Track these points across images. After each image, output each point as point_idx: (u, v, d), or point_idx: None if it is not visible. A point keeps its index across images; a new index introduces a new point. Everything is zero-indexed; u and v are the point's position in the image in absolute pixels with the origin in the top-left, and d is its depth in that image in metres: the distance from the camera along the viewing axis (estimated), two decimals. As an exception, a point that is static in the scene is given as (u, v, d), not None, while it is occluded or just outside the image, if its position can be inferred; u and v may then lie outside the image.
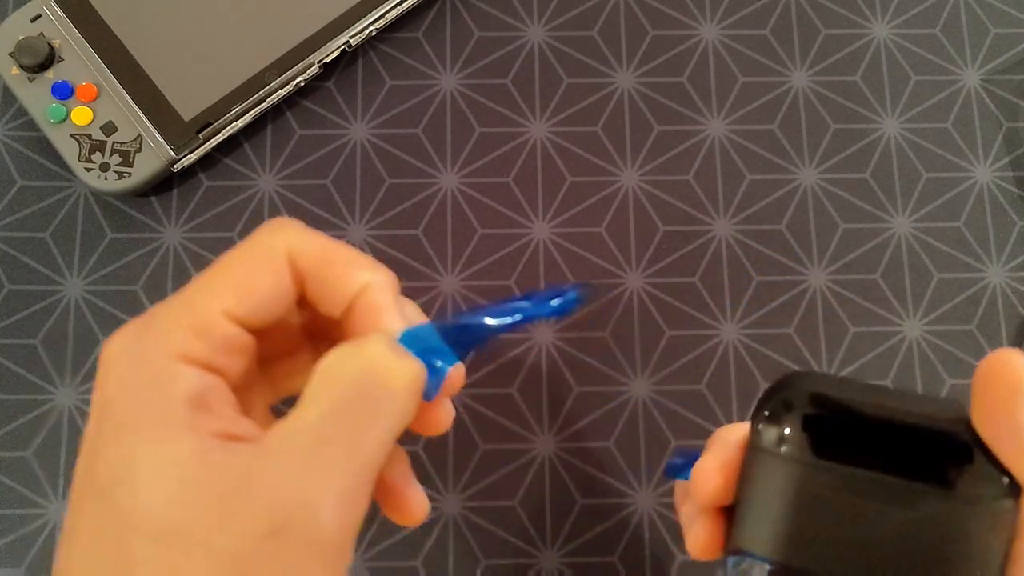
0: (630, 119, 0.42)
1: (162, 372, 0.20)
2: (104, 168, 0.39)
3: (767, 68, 0.43)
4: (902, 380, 0.40)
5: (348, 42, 0.41)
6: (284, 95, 0.40)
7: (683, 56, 0.43)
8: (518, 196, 0.41)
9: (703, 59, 0.43)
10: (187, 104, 0.40)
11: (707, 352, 0.40)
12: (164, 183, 0.41)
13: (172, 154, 0.39)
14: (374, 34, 0.41)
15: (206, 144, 0.40)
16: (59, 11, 0.40)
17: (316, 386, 0.20)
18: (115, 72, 0.40)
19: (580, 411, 0.39)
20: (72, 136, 0.39)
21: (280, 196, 0.41)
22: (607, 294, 0.40)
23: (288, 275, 0.22)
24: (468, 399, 0.39)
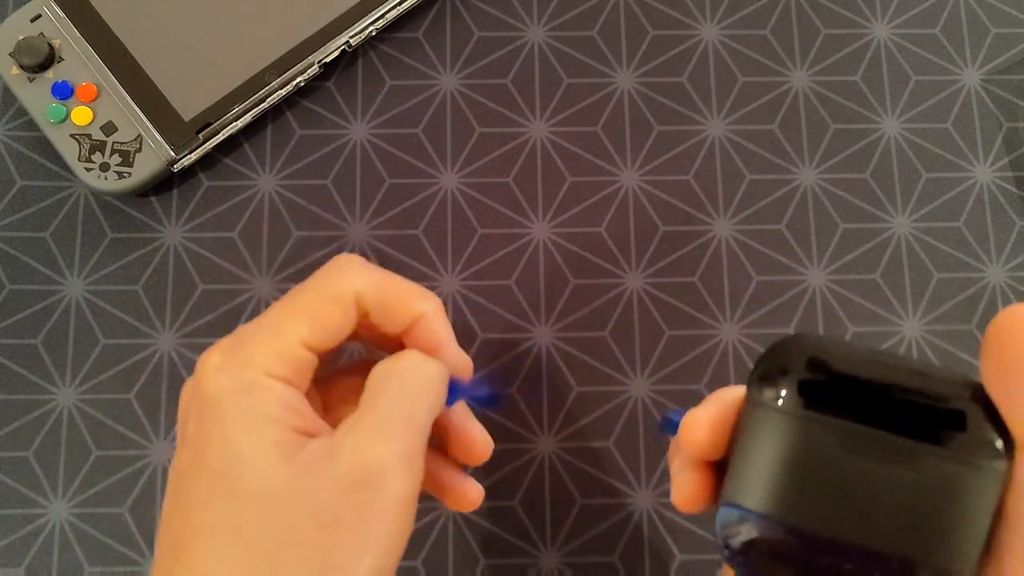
0: (630, 119, 0.42)
1: (255, 383, 0.25)
2: (104, 168, 0.39)
3: (767, 68, 0.43)
4: (902, 380, 0.40)
5: (348, 42, 0.41)
6: (284, 95, 0.40)
7: (683, 56, 0.43)
8: (518, 196, 0.41)
9: (703, 59, 0.43)
10: (187, 104, 0.40)
11: (707, 352, 0.40)
12: (164, 183, 0.41)
13: (172, 154, 0.39)
14: (374, 34, 0.41)
15: (206, 144, 0.40)
16: (59, 11, 0.40)
17: (375, 382, 0.26)
18: (115, 72, 0.40)
19: (580, 411, 0.39)
20: (72, 136, 0.39)
21: (280, 196, 0.41)
22: (607, 294, 0.40)
23: (354, 309, 0.27)
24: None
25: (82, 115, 0.39)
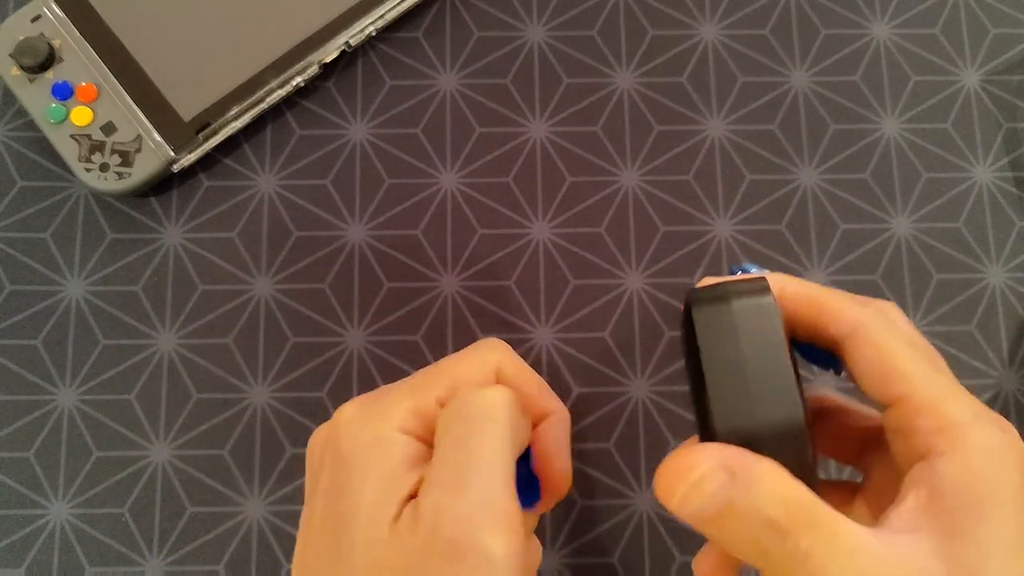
0: (630, 119, 0.42)
1: (386, 437, 0.25)
2: (104, 168, 0.39)
3: (767, 68, 0.43)
4: (901, 380, 0.40)
5: (348, 42, 0.41)
6: (284, 95, 0.40)
7: (683, 56, 0.43)
8: (518, 196, 0.41)
9: (703, 59, 0.43)
10: (187, 104, 0.40)
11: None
12: (164, 183, 0.41)
13: (172, 154, 0.39)
14: (374, 34, 0.41)
15: (206, 144, 0.40)
16: (59, 11, 0.40)
17: (438, 431, 0.25)
18: (115, 72, 0.40)
19: (580, 412, 0.39)
20: (72, 136, 0.39)
21: (280, 196, 0.41)
22: (607, 294, 0.40)
23: (494, 377, 0.27)
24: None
25: (82, 115, 0.39)
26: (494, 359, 0.27)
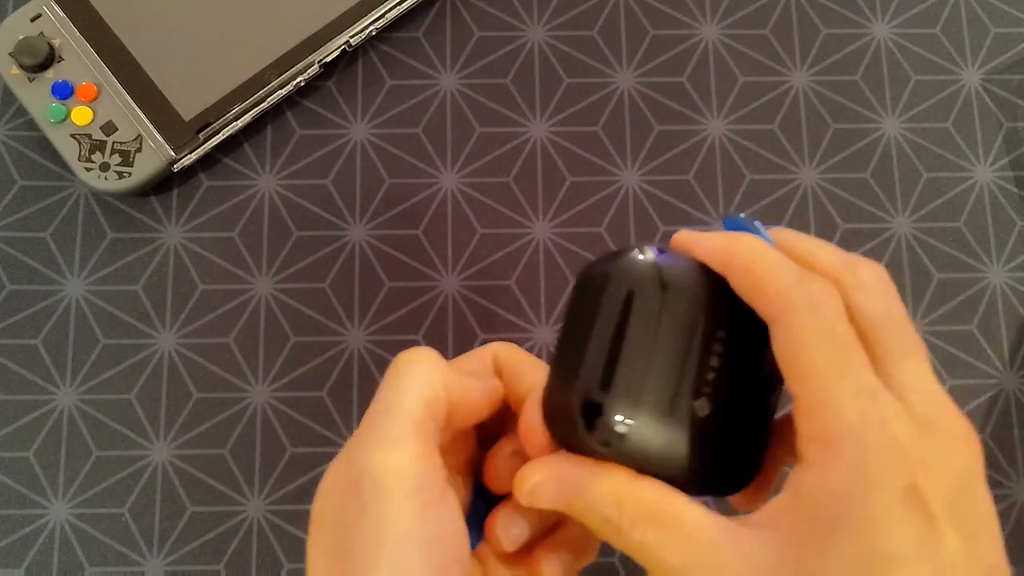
0: (630, 119, 0.42)
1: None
2: (104, 168, 0.39)
3: (767, 68, 0.43)
4: (902, 380, 0.40)
5: (348, 42, 0.41)
6: (284, 95, 0.40)
7: (683, 56, 0.43)
8: (518, 196, 0.41)
9: (703, 59, 0.43)
10: (187, 104, 0.40)
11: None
12: (164, 183, 0.41)
13: (172, 154, 0.39)
14: (374, 34, 0.41)
15: (206, 144, 0.40)
16: (59, 11, 0.40)
17: None
18: (115, 72, 0.40)
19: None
20: (72, 136, 0.39)
21: (280, 196, 0.41)
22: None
23: (491, 361, 0.29)
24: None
25: (82, 115, 0.39)
26: (491, 349, 0.29)
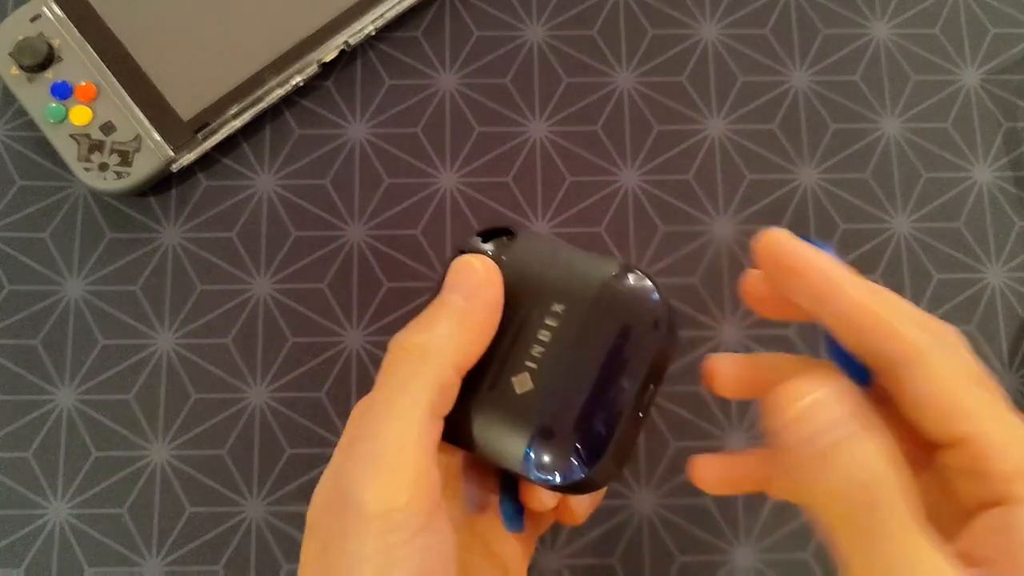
0: (630, 119, 0.42)
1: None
2: (103, 168, 0.39)
3: (767, 68, 0.43)
4: (901, 380, 0.40)
5: (347, 41, 0.41)
6: (283, 95, 0.40)
7: (683, 55, 0.43)
8: (517, 196, 0.41)
9: (703, 59, 0.43)
10: (186, 104, 0.40)
11: (709, 352, 0.40)
12: (163, 183, 0.41)
13: (171, 154, 0.39)
14: (373, 33, 0.41)
15: (205, 144, 0.40)
16: (59, 11, 0.40)
17: None
18: (114, 72, 0.40)
19: (579, 411, 0.39)
20: (71, 136, 0.39)
21: (279, 196, 0.41)
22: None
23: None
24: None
25: (81, 115, 0.39)
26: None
